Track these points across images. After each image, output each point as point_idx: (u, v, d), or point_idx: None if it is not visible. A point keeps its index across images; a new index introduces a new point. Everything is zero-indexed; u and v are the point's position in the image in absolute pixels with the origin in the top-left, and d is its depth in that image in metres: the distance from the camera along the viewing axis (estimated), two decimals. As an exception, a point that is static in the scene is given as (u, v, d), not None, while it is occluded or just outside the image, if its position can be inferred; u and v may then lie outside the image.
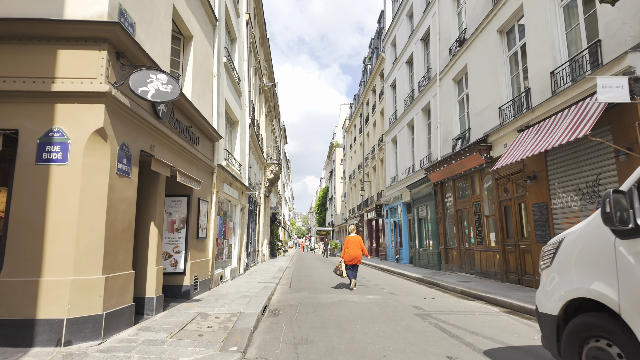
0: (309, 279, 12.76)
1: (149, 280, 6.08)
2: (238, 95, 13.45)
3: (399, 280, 12.47)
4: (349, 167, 42.18)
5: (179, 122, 7.19)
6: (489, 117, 11.54)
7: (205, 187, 8.98)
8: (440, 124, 15.45)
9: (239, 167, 13.12)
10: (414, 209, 18.23)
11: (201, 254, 8.59)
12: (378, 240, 27.74)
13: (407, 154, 20.07)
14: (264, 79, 21.98)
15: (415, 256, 17.73)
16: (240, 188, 12.95)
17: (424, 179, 16.30)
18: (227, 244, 11.48)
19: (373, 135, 29.89)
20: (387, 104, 24.39)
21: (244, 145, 14.26)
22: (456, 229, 13.65)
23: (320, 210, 76.22)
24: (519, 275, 9.74)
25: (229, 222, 11.76)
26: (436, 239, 15.22)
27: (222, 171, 10.18)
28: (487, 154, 10.98)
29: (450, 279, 11.55)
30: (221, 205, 10.89)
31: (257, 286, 10.11)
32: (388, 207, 23.35)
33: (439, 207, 15.00)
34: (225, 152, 11.29)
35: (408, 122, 19.94)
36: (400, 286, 10.74)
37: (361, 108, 34.78)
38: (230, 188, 11.37)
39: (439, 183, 14.96)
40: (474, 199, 12.37)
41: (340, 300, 8.11)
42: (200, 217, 8.50)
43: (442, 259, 14.71)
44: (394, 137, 22.67)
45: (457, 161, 12.50)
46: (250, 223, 17.51)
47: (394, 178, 22.66)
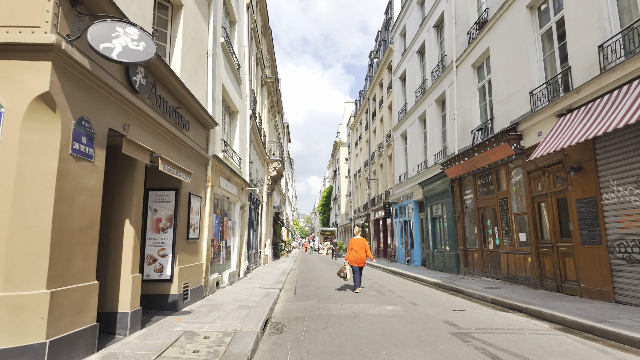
0: (315, 284, 11.58)
1: (123, 292, 4.91)
2: (238, 82, 12.29)
3: (415, 286, 11.25)
4: (354, 165, 40.96)
5: (163, 101, 6.02)
6: (517, 103, 10.30)
7: (198, 180, 7.81)
8: (457, 115, 14.22)
9: (239, 161, 11.96)
10: (426, 208, 16.98)
11: (192, 258, 7.42)
12: (386, 241, 26.50)
13: (419, 149, 18.83)
14: (266, 70, 20.83)
15: (429, 258, 16.49)
16: (240, 184, 11.79)
17: (439, 175, 15.07)
18: (224, 246, 10.31)
19: (380, 131, 28.66)
20: (396, 97, 23.16)
21: (244, 138, 13.10)
22: (477, 229, 12.41)
23: (324, 210, 75.03)
24: (558, 282, 8.49)
25: (227, 221, 10.59)
26: (453, 239, 13.98)
27: (218, 163, 9.02)
28: (516, 144, 9.74)
29: (474, 284, 10.32)
30: (218, 202, 9.72)
31: (258, 293, 8.93)
32: (397, 206, 22.12)
33: (456, 205, 13.76)
34: (223, 142, 10.12)
35: (419, 115, 18.71)
36: (419, 293, 9.53)
37: (367, 104, 33.55)
38: (228, 183, 10.21)
39: (456, 179, 13.72)
40: (499, 195, 11.13)
41: (355, 312, 6.91)
42: (192, 214, 7.33)
43: (460, 261, 13.46)
44: (403, 132, 21.44)
45: (480, 153, 11.26)
46: (252, 222, 16.35)
47: (403, 175, 21.42)
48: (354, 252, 9.81)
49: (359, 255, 9.75)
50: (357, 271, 9.77)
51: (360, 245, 9.88)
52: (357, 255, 9.75)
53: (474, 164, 11.94)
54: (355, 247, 9.88)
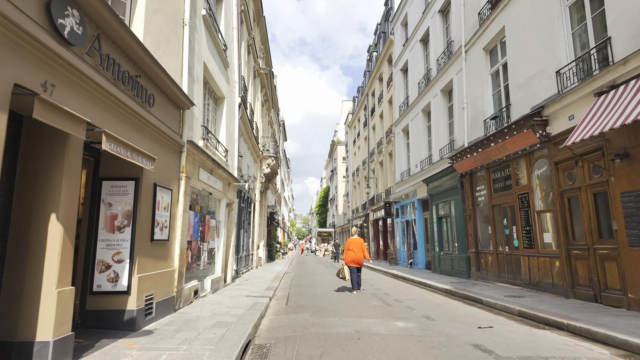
0: (311, 291, 10.27)
1: (44, 313, 3.59)
2: (224, 65, 10.99)
3: (423, 293, 9.96)
4: (352, 164, 39.69)
5: (114, 63, 4.70)
6: (539, 86, 9.06)
7: (168, 169, 6.49)
8: (467, 104, 12.97)
9: (225, 153, 10.64)
10: (432, 206, 15.72)
11: (160, 263, 6.10)
12: (386, 243, 25.22)
13: (423, 144, 17.57)
14: (259, 61, 19.53)
15: (435, 261, 15.22)
16: (226, 178, 10.47)
17: (446, 170, 13.81)
18: (206, 248, 8.99)
19: (380, 127, 27.41)
20: (397, 90, 21.92)
21: (231, 128, 11.78)
22: (492, 229, 11.14)
23: (321, 211, 73.71)
24: (596, 290, 7.22)
25: (209, 220, 9.27)
26: (463, 240, 12.71)
27: (196, 152, 7.70)
28: (541, 131, 8.48)
29: (491, 291, 9.04)
30: (197, 197, 8.40)
31: (244, 303, 7.62)
32: (399, 205, 20.85)
33: (467, 203, 12.50)
34: (204, 129, 8.81)
35: (423, 107, 17.47)
36: (431, 303, 8.24)
37: (366, 100, 32.31)
38: (210, 176, 8.89)
39: (467, 174, 12.46)
40: (518, 190, 9.86)
41: (359, 330, 5.61)
42: (159, 211, 6.01)
43: (471, 265, 12.19)
44: (405, 126, 20.19)
45: (496, 143, 10.00)
46: (242, 222, 15.02)
47: (405, 172, 20.17)
48: (352, 252, 9.79)
49: (357, 256, 9.73)
50: (355, 272, 9.78)
51: (357, 245, 9.84)
52: (354, 255, 9.73)
53: (488, 156, 10.67)
54: (352, 247, 9.85)
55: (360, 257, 9.74)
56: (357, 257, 9.73)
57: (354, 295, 9.29)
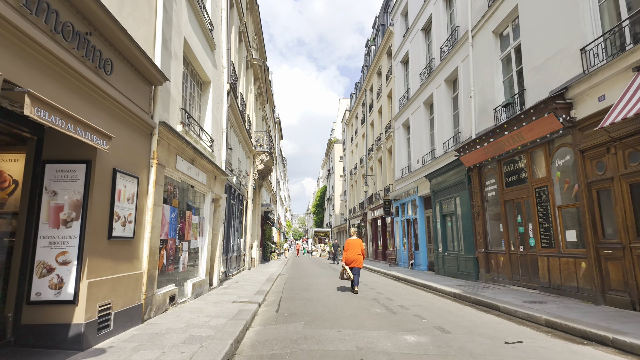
0: (305, 295, 9.26)
1: None
2: (210, 47, 9.98)
3: (430, 298, 8.98)
4: (350, 162, 38.72)
5: (49, 10, 3.68)
6: (560, 67, 8.11)
7: (134, 153, 5.47)
8: (474, 93, 12.02)
9: (210, 143, 9.62)
10: (435, 204, 14.76)
11: (121, 265, 5.07)
12: (385, 243, 24.25)
13: (425, 138, 16.62)
14: (252, 51, 18.52)
15: (438, 262, 14.25)
16: (212, 170, 9.45)
17: (452, 164, 12.85)
18: (187, 248, 7.96)
19: (378, 123, 26.46)
20: (397, 83, 20.98)
21: (219, 117, 10.76)
22: (504, 227, 10.18)
23: (318, 210, 72.68)
24: (634, 296, 6.26)
25: (190, 217, 8.24)
26: (470, 239, 11.75)
27: (173, 137, 6.68)
28: (565, 115, 7.52)
29: (506, 296, 8.08)
30: (175, 190, 7.38)
31: (228, 311, 6.61)
32: (399, 203, 19.89)
33: (475, 199, 11.53)
34: (183, 113, 7.79)
35: (425, 99, 16.52)
36: (441, 310, 7.25)
37: (363, 96, 31.36)
38: (191, 167, 7.87)
39: (475, 167, 11.49)
40: (535, 183, 8.91)
41: (360, 346, 4.60)
42: (119, 202, 4.99)
43: (480, 266, 11.22)
44: (405, 120, 19.24)
45: (511, 132, 9.04)
46: (232, 220, 13.99)
47: (405, 169, 19.21)
48: (351, 253, 9.82)
49: (356, 257, 9.74)
50: (356, 272, 9.74)
51: (356, 246, 9.88)
52: (353, 256, 9.77)
53: (501, 146, 9.71)
54: (351, 247, 9.89)
55: (359, 258, 9.76)
56: (355, 258, 9.75)
57: (354, 301, 8.30)
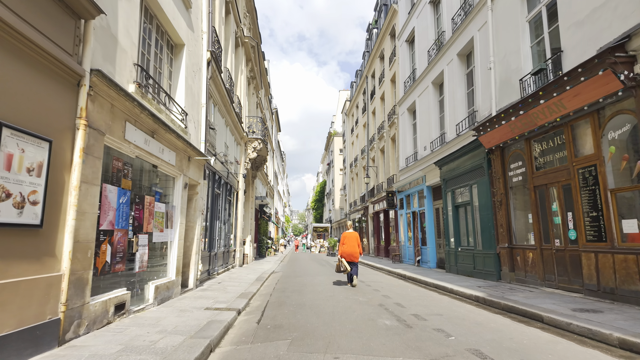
0: (297, 299, 7.69)
1: None
2: (184, 4, 8.34)
3: (448, 303, 7.39)
4: (350, 154, 37.08)
5: None
6: (612, 16, 6.47)
7: (45, 106, 3.84)
8: (494, 64, 10.38)
9: (183, 116, 7.99)
10: (446, 193, 13.16)
11: (15, 266, 3.46)
12: (388, 238, 22.67)
13: (433, 122, 14.99)
14: (242, 27, 16.84)
15: (450, 259, 12.67)
16: (184, 149, 7.83)
17: (467, 147, 11.24)
18: (145, 242, 6.35)
19: (380, 111, 24.81)
20: (401, 65, 19.31)
21: (195, 88, 9.13)
22: (534, 217, 8.58)
23: (317, 206, 71.15)
24: None
25: (152, 204, 6.63)
26: (490, 233, 10.16)
27: (119, 96, 5.05)
28: (627, 72, 5.89)
29: (544, 301, 6.50)
30: (127, 167, 5.75)
31: (193, 323, 5.03)
32: (403, 195, 18.28)
33: (496, 185, 9.92)
34: (139, 70, 6.16)
35: (434, 78, 14.88)
36: (469, 322, 5.67)
37: (365, 83, 29.67)
38: (150, 140, 6.25)
39: (497, 148, 9.87)
40: (578, 163, 7.29)
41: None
42: (10, 172, 3.38)
43: (502, 263, 9.64)
44: (411, 104, 17.59)
45: (548, 100, 7.41)
46: (218, 212, 12.41)
47: (411, 157, 17.59)
48: (347, 246, 9.67)
49: (352, 250, 9.62)
50: (354, 266, 9.59)
51: (352, 239, 9.75)
52: (350, 250, 9.62)
53: (532, 120, 8.08)
54: (347, 241, 9.73)
55: (355, 251, 9.62)
56: (352, 251, 9.61)
57: (355, 307, 6.72)
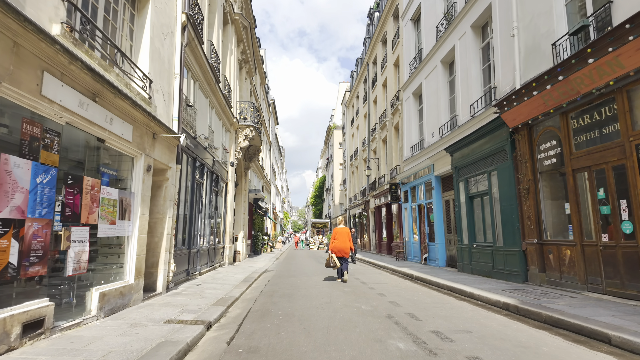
0: (286, 306, 6.26)
1: None
2: (150, -51, 6.85)
3: (472, 312, 5.96)
4: (350, 147, 35.61)
5: None
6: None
7: None
8: (518, 30, 8.90)
9: (145, 84, 6.52)
10: (458, 183, 11.71)
11: None
12: (391, 233, 21.25)
13: (443, 104, 13.52)
14: (232, 2, 15.32)
15: (462, 256, 11.24)
16: (146, 124, 6.36)
17: (485, 129, 9.78)
18: (84, 237, 4.91)
19: (382, 99, 23.32)
20: (406, 46, 17.80)
21: (166, 54, 7.65)
22: (572, 207, 7.13)
23: (317, 202, 69.74)
24: None
25: (97, 188, 5.18)
26: (514, 227, 8.72)
27: (30, 34, 3.58)
28: None
29: (597, 311, 5.08)
30: (46, 136, 4.30)
31: (136, 347, 3.61)
32: (408, 187, 16.83)
33: (522, 170, 8.46)
34: (71, 10, 4.69)
35: (443, 56, 13.40)
36: (512, 343, 4.24)
37: (366, 70, 28.15)
38: (90, 104, 4.79)
39: (524, 127, 8.39)
40: (636, 138, 5.83)
41: None
42: None
43: (530, 262, 8.20)
44: (417, 88, 16.11)
45: (599, 59, 5.93)
46: (199, 204, 10.97)
47: (416, 145, 16.13)
48: (338, 242, 9.71)
49: (343, 245, 9.67)
50: (344, 261, 9.64)
51: (344, 235, 9.79)
52: (341, 245, 9.67)
53: (574, 87, 6.61)
54: (339, 237, 9.78)
55: (346, 247, 9.69)
56: (343, 247, 9.68)
57: (357, 320, 5.29)
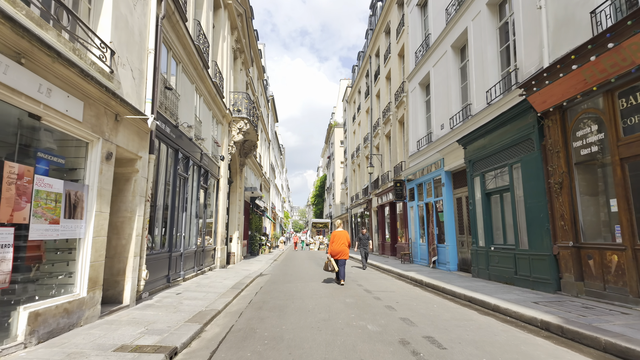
0: (275, 324, 5.10)
1: None
2: None
3: (506, 334, 4.79)
4: (351, 145, 34.44)
5: None
6: None
7: None
8: (546, 1, 7.72)
9: (104, 53, 5.35)
10: (472, 179, 10.54)
11: None
12: (395, 234, 20.06)
13: (454, 93, 12.34)
14: (225, -15, 14.18)
15: (478, 260, 10.06)
16: (103, 100, 5.21)
17: (505, 116, 8.60)
18: (10, 241, 3.76)
19: (386, 91, 22.14)
20: (412, 34, 16.62)
21: (135, 24, 6.49)
22: (620, 204, 5.94)
23: (317, 201, 68.55)
24: None
25: (28, 177, 4.03)
26: (543, 227, 7.54)
27: None
28: None
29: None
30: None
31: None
32: (414, 184, 15.65)
33: (554, 161, 7.27)
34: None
35: (454, 41, 12.22)
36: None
37: (368, 63, 26.98)
38: (16, 68, 3.65)
39: (556, 110, 7.18)
40: None
41: None
42: None
43: (564, 269, 7.02)
44: (424, 77, 14.92)
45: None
46: (183, 201, 9.82)
47: (424, 139, 14.95)
48: (336, 245, 9.66)
49: (342, 249, 9.61)
50: (342, 264, 9.54)
51: (342, 238, 9.74)
52: (339, 248, 9.62)
53: (628, 57, 5.39)
54: (336, 240, 9.75)
55: (344, 250, 9.64)
56: (341, 250, 9.62)
57: (363, 350, 4.13)
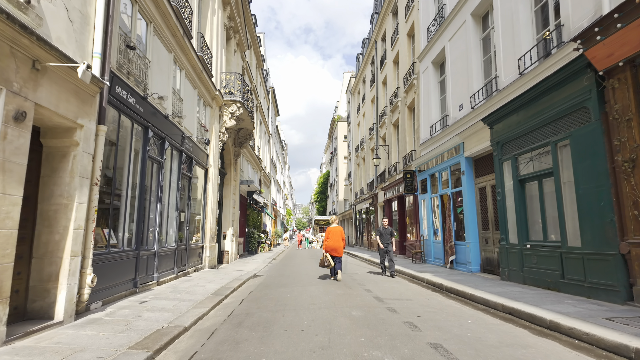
0: (255, 352, 3.57)
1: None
2: None
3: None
4: (356, 137, 32.84)
5: None
6: None
7: None
8: None
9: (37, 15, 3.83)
10: (502, 164, 8.94)
11: None
12: (404, 231, 18.48)
13: (475, 67, 10.72)
14: (214, -49, 12.61)
15: (508, 260, 8.47)
16: (8, 37, 3.69)
17: (548, 82, 6.98)
18: None
19: (393, 77, 20.52)
20: (423, 8, 15.00)
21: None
22: None
23: (320, 198, 67.03)
24: None
25: None
26: (603, 219, 5.94)
27: None
28: None
29: None
30: None
31: None
32: (427, 174, 14.05)
33: (621, 133, 5.64)
34: None
35: (475, 7, 10.63)
36: None
37: (373, 49, 25.33)
38: None
39: (626, 66, 5.52)
40: None
41: None
42: None
43: (637, 273, 5.42)
44: (438, 54, 13.30)
45: None
46: (158, 189, 8.29)
47: (438, 124, 13.35)
48: (331, 241, 9.63)
49: (336, 245, 9.59)
50: (338, 260, 9.57)
51: (337, 234, 9.70)
52: (334, 244, 9.58)
53: None
54: (332, 236, 9.70)
55: (339, 246, 9.58)
56: (336, 246, 9.56)
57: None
